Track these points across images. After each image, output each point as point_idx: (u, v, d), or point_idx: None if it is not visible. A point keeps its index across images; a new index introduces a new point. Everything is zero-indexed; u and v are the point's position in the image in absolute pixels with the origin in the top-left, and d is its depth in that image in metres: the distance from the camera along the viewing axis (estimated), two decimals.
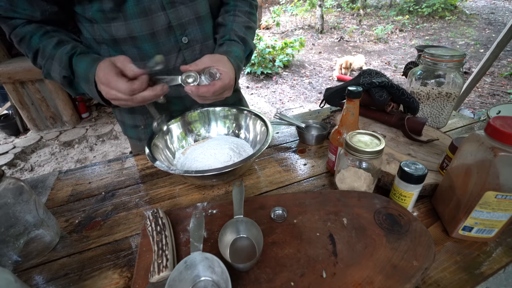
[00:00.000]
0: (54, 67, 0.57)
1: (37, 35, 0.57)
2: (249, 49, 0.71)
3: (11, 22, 0.56)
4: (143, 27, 0.60)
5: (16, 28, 0.57)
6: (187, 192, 0.62)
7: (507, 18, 6.16)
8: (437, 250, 0.46)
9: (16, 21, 0.56)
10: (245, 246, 0.44)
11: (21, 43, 0.58)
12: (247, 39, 0.70)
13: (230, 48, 0.65)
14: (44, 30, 0.58)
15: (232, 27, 0.69)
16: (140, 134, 0.81)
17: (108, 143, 2.63)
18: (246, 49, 0.70)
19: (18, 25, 0.57)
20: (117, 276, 0.45)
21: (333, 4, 7.70)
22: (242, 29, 0.70)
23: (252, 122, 0.74)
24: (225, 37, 0.68)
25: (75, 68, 0.56)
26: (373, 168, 0.50)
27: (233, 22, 0.70)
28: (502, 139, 0.38)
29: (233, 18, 0.71)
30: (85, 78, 0.55)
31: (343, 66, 3.98)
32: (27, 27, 0.57)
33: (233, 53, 0.64)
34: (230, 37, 0.68)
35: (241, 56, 0.67)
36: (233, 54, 0.64)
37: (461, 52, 0.71)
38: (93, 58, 0.55)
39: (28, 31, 0.57)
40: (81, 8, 0.58)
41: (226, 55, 0.62)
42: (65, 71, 0.56)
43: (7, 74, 2.36)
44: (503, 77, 3.52)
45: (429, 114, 0.80)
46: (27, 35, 0.57)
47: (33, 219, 0.46)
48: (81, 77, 0.56)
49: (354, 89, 0.52)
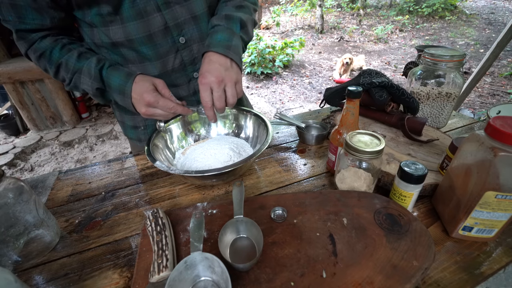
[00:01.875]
0: (84, 80, 0.60)
1: (56, 49, 0.60)
2: (237, 21, 0.64)
3: (28, 38, 0.58)
4: (139, 29, 0.60)
5: (34, 44, 0.59)
6: (187, 192, 0.62)
7: (507, 18, 6.16)
8: (437, 250, 0.46)
9: (32, 37, 0.58)
10: (245, 246, 0.44)
11: (40, 59, 0.60)
12: (231, 15, 0.64)
13: (211, 38, 0.61)
14: (61, 44, 0.61)
15: (221, 13, 0.65)
16: (140, 135, 0.81)
17: (108, 143, 2.63)
18: (232, 25, 0.64)
19: (35, 40, 0.59)
20: (117, 276, 0.45)
21: (333, 4, 7.70)
22: (232, 10, 0.66)
23: (252, 122, 0.74)
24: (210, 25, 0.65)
25: (108, 81, 0.61)
26: (373, 168, 0.50)
27: (223, 8, 0.67)
28: (502, 139, 0.38)
29: (225, 4, 0.68)
30: (119, 91, 0.60)
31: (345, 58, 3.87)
32: (45, 42, 0.59)
33: (215, 41, 0.60)
34: (212, 23, 0.65)
35: (226, 36, 0.61)
36: (214, 42, 0.60)
37: (461, 52, 0.71)
38: (126, 73, 0.60)
39: (47, 46, 0.59)
40: (81, 13, 0.59)
41: (208, 49, 0.60)
42: (96, 83, 0.60)
43: (7, 74, 2.36)
44: (503, 77, 3.52)
45: (429, 114, 0.80)
46: (46, 50, 0.59)
47: (33, 219, 0.46)
48: (114, 89, 0.61)
49: (354, 89, 0.52)
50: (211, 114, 0.59)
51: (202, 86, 0.57)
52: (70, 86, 0.63)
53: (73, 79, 0.62)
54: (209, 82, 0.56)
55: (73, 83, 0.62)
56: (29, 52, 0.60)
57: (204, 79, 0.56)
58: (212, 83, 0.56)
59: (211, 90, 0.57)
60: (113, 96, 0.63)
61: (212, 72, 0.56)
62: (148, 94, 0.57)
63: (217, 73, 0.56)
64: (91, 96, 0.64)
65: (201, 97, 0.57)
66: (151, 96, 0.57)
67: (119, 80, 0.60)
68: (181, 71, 0.70)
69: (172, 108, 0.58)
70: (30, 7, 0.54)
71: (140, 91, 0.57)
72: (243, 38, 0.67)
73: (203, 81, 0.56)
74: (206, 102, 0.57)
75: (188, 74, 0.72)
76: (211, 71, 0.56)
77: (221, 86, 0.57)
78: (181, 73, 0.71)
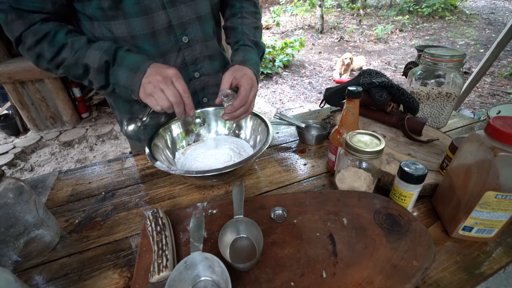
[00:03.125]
0: (91, 54, 0.56)
1: (61, 32, 0.56)
2: (261, 51, 0.75)
3: (28, 18, 0.53)
4: (143, 26, 0.60)
5: (34, 25, 0.54)
6: (187, 192, 0.62)
7: (507, 18, 6.16)
8: (437, 250, 0.46)
9: (33, 17, 0.54)
10: (245, 246, 0.44)
11: (41, 41, 0.55)
12: (259, 43, 0.73)
13: (247, 56, 0.67)
14: (67, 29, 0.57)
15: (243, 31, 0.72)
16: (140, 135, 0.81)
17: (108, 143, 2.63)
18: (259, 52, 0.73)
19: (36, 22, 0.54)
20: (117, 276, 0.45)
21: (333, 4, 7.70)
22: (252, 31, 0.73)
23: (252, 122, 0.74)
24: (239, 42, 0.71)
25: (121, 60, 0.57)
26: (373, 168, 0.50)
27: (242, 25, 0.72)
28: (502, 139, 0.38)
29: (241, 21, 0.73)
30: (133, 67, 0.56)
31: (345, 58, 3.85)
32: (48, 25, 0.55)
33: (250, 61, 0.66)
34: (244, 42, 0.70)
35: (257, 61, 0.70)
36: (250, 62, 0.66)
37: (461, 52, 0.71)
38: (144, 56, 0.59)
39: (51, 28, 0.55)
40: (81, 5, 0.57)
41: (244, 64, 0.64)
42: (107, 56, 0.56)
43: (7, 74, 2.36)
44: (503, 77, 3.52)
45: (429, 114, 0.80)
46: (50, 31, 0.55)
47: (33, 219, 0.46)
48: (126, 66, 0.57)
49: (354, 89, 0.52)
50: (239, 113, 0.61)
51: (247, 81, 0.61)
52: (65, 66, 0.57)
53: (75, 57, 0.56)
54: (253, 83, 0.62)
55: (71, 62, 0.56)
56: (25, 33, 0.54)
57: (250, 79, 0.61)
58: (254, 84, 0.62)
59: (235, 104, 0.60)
60: (117, 74, 0.57)
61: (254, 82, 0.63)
62: (172, 69, 0.56)
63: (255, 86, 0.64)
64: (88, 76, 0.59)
65: (244, 91, 0.60)
66: (175, 70, 0.55)
67: (137, 59, 0.57)
68: (182, 70, 0.70)
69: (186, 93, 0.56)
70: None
71: (161, 67, 0.56)
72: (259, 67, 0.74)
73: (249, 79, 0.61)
74: (245, 97, 0.60)
75: (189, 74, 0.72)
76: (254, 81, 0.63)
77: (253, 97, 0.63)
78: (182, 73, 0.70)
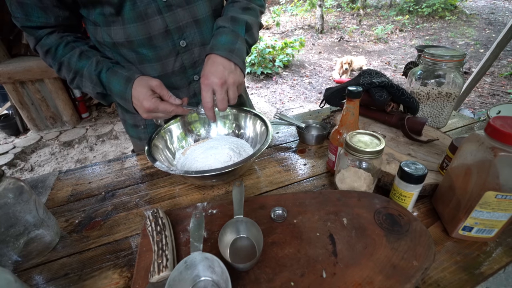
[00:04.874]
0: (86, 84, 0.62)
1: (61, 46, 0.61)
2: (242, 24, 0.64)
3: (36, 35, 0.60)
4: (139, 31, 0.61)
5: (41, 40, 0.60)
6: (187, 192, 0.62)
7: (507, 18, 6.16)
8: (437, 250, 0.46)
9: (39, 33, 0.60)
10: (245, 246, 0.44)
11: (47, 55, 0.62)
12: (237, 17, 0.64)
13: (215, 40, 0.61)
14: (66, 41, 0.62)
15: (226, 14, 0.66)
16: (140, 134, 0.81)
17: (108, 143, 2.63)
18: (237, 27, 0.64)
19: (41, 37, 0.60)
20: (117, 276, 0.45)
21: (333, 4, 7.69)
22: (237, 11, 0.66)
23: (252, 122, 0.74)
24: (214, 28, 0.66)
25: (109, 86, 0.62)
26: (373, 168, 0.50)
27: (229, 10, 0.67)
28: (502, 139, 0.37)
29: (231, 5, 0.68)
30: (121, 96, 0.61)
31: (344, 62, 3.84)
32: (50, 39, 0.61)
33: (218, 43, 0.60)
34: (217, 25, 0.65)
35: (230, 39, 0.61)
36: (218, 45, 0.60)
37: (461, 52, 0.71)
38: (124, 78, 0.60)
39: (53, 43, 0.61)
40: (86, 11, 0.60)
41: (212, 51, 0.60)
42: (98, 88, 0.62)
43: (7, 74, 2.36)
44: (503, 77, 3.52)
45: (429, 114, 0.80)
46: (52, 47, 0.61)
47: (33, 219, 0.46)
48: (116, 94, 0.62)
49: (354, 89, 0.52)
50: (211, 114, 0.60)
51: (204, 86, 0.57)
52: (73, 85, 0.65)
53: (76, 80, 0.63)
54: (211, 83, 0.56)
55: (75, 83, 0.64)
56: (37, 47, 0.61)
57: (207, 80, 0.56)
58: (214, 84, 0.56)
59: (213, 91, 0.57)
60: (115, 100, 0.65)
61: (215, 73, 0.56)
62: (147, 101, 0.57)
63: (220, 75, 0.56)
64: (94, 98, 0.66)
65: (202, 97, 0.57)
66: (150, 103, 0.57)
67: (119, 86, 0.60)
68: (181, 73, 0.70)
69: (172, 111, 0.60)
70: (36, 5, 0.56)
71: (139, 97, 0.58)
72: (248, 41, 0.66)
73: (206, 82, 0.57)
74: (207, 103, 0.57)
75: (189, 77, 0.72)
76: (214, 73, 0.57)
77: (223, 88, 0.57)
78: (181, 76, 0.71)
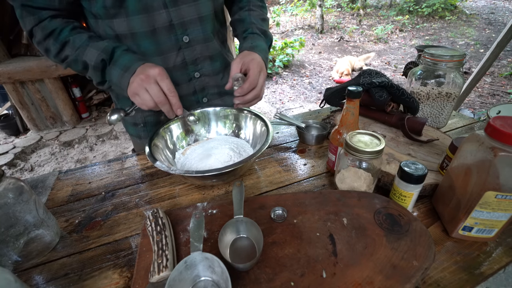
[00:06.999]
0: (90, 52, 0.58)
1: (66, 29, 0.59)
2: (269, 40, 0.76)
3: (38, 15, 0.56)
4: (143, 23, 0.61)
5: (43, 21, 0.57)
6: (187, 192, 0.62)
7: (507, 18, 6.15)
8: (437, 250, 0.46)
9: (42, 14, 0.57)
10: (245, 246, 0.44)
11: (48, 37, 0.58)
12: (267, 32, 0.75)
13: (255, 43, 0.69)
14: (73, 26, 0.60)
15: (251, 21, 0.73)
16: (140, 132, 0.81)
17: (108, 143, 2.63)
18: (267, 41, 0.75)
19: (44, 18, 0.57)
20: (117, 276, 0.45)
21: (333, 4, 7.69)
22: (260, 22, 0.75)
23: (252, 122, 0.74)
24: (248, 31, 0.73)
25: (117, 58, 0.59)
26: (373, 168, 0.50)
27: (250, 16, 0.74)
28: (502, 139, 0.37)
29: (248, 13, 0.75)
30: (125, 66, 0.58)
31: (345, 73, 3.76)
32: (56, 22, 0.58)
33: (259, 47, 0.68)
34: (252, 30, 0.72)
35: (265, 48, 0.72)
36: (259, 48, 0.68)
37: (461, 52, 0.71)
38: (138, 57, 0.61)
39: (58, 25, 0.58)
40: (87, 3, 0.59)
41: (253, 50, 0.66)
42: (105, 55, 0.58)
43: (7, 74, 2.36)
44: (503, 77, 3.52)
45: (429, 114, 0.80)
46: (56, 28, 0.58)
47: (33, 219, 0.46)
48: (119, 65, 0.59)
49: (354, 89, 0.52)
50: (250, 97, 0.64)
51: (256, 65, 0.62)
52: (68, 62, 0.61)
53: (76, 54, 0.59)
54: (259, 64, 0.63)
55: (72, 58, 0.60)
56: (35, 29, 0.58)
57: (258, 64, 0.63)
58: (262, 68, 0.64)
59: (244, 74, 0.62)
60: (111, 73, 0.60)
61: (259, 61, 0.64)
62: (161, 68, 0.56)
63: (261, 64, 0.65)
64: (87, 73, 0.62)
65: (252, 74, 0.61)
66: (163, 70, 0.56)
67: (130, 59, 0.59)
68: (182, 69, 0.71)
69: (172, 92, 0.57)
70: None
71: (149, 66, 0.57)
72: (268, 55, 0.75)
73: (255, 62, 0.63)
74: (255, 80, 0.62)
75: (189, 74, 0.72)
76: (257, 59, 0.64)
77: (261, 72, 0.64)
78: (181, 72, 0.71)
